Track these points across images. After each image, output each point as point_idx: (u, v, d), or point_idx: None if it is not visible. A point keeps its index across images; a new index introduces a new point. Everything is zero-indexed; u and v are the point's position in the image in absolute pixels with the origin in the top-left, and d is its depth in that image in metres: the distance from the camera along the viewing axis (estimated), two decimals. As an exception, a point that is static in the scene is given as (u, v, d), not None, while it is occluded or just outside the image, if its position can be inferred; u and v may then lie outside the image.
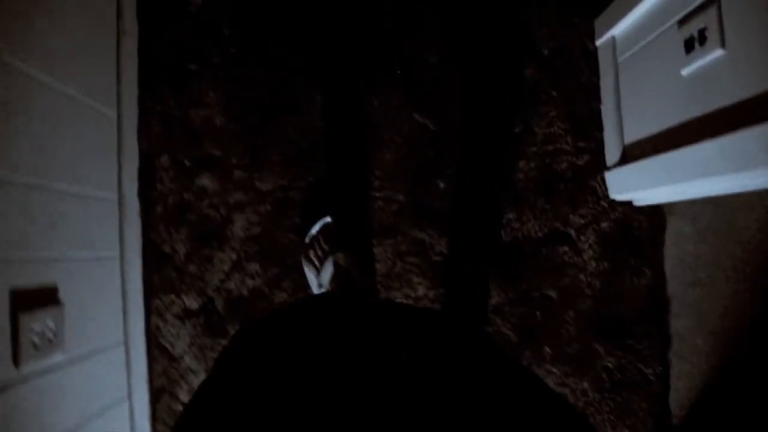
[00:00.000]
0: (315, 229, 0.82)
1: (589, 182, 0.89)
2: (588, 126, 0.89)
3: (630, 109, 0.83)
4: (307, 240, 0.83)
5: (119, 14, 0.84)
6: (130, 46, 0.85)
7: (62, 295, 0.66)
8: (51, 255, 0.65)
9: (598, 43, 0.89)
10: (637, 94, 0.80)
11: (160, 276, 0.87)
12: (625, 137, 0.84)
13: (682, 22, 0.68)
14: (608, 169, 0.87)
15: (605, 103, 0.88)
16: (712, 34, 0.63)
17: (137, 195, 0.86)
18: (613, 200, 0.89)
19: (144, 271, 0.85)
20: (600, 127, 0.90)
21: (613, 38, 0.86)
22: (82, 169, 0.72)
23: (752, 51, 0.57)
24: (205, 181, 0.87)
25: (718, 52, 0.62)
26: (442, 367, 0.30)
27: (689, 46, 0.67)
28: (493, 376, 0.31)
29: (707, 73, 0.65)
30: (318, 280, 0.79)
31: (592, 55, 0.90)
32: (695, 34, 0.66)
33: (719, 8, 0.62)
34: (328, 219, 0.82)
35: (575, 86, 0.89)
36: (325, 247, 0.80)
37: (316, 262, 0.80)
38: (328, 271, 0.77)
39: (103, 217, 0.79)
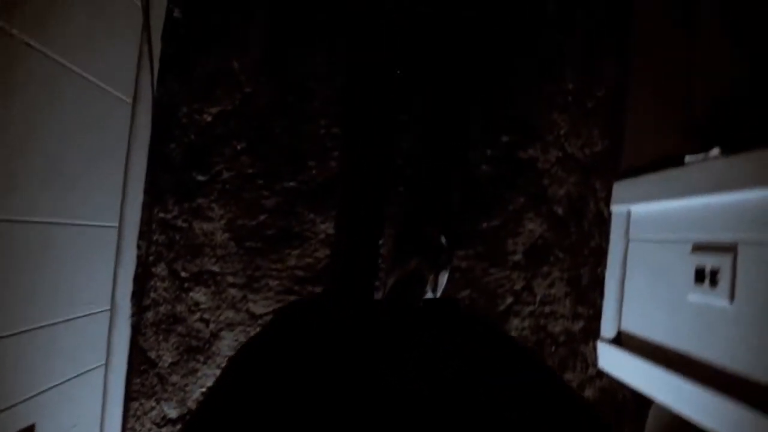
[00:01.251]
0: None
1: (580, 348, 0.88)
2: (590, 291, 0.88)
3: (633, 295, 0.82)
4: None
5: (132, 123, 0.83)
6: (140, 154, 0.84)
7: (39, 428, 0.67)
8: (33, 393, 0.65)
9: (613, 208, 0.88)
10: (642, 284, 0.79)
11: (143, 381, 0.88)
12: (623, 320, 0.83)
13: (697, 248, 0.67)
14: (602, 340, 0.86)
15: (610, 273, 0.87)
16: (723, 283, 0.61)
17: (130, 299, 0.86)
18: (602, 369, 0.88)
19: (127, 373, 0.86)
20: (602, 293, 0.88)
21: (629, 212, 0.84)
22: (77, 291, 0.73)
23: (758, 325, 0.56)
24: (200, 295, 0.87)
25: (725, 303, 0.61)
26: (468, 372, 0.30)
27: (700, 276, 0.66)
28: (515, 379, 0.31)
29: (711, 317, 0.63)
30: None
31: (605, 221, 0.88)
32: (707, 270, 0.64)
33: (735, 259, 0.60)
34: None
35: (584, 250, 0.88)
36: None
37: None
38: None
39: (93, 330, 0.79)
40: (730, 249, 0.61)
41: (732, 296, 0.60)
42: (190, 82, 0.88)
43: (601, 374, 0.89)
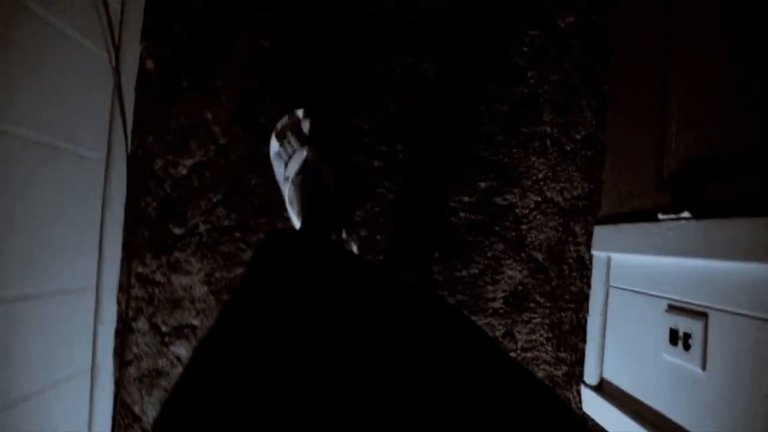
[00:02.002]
0: (285, 120, 0.79)
1: (564, 392, 0.88)
2: (571, 336, 0.88)
3: (614, 343, 0.81)
4: (277, 127, 0.80)
5: (106, 179, 0.83)
6: (116, 210, 0.84)
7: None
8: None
9: (593, 253, 0.87)
10: (623, 334, 0.78)
11: (128, 434, 0.88)
12: (604, 368, 0.83)
13: (672, 308, 0.66)
14: (585, 385, 0.86)
15: (592, 319, 0.86)
16: (695, 349, 0.61)
17: (111, 356, 0.86)
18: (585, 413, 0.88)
19: (112, 429, 0.87)
20: (584, 338, 0.88)
21: (609, 259, 0.83)
22: (58, 357, 0.73)
23: (729, 397, 0.55)
24: (181, 349, 0.87)
25: (698, 369, 0.60)
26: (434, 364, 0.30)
27: (674, 337, 0.65)
28: (486, 370, 0.32)
29: (685, 380, 0.63)
30: (285, 172, 0.77)
31: (586, 265, 0.87)
32: (680, 332, 0.63)
33: (706, 327, 0.59)
34: (300, 112, 0.80)
35: (564, 295, 0.87)
36: (297, 138, 0.77)
37: (284, 155, 0.78)
38: (296, 162, 0.75)
39: (76, 391, 0.79)
40: (701, 315, 0.60)
41: (704, 364, 0.59)
42: (164, 135, 0.88)
43: (585, 417, 0.88)
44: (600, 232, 0.84)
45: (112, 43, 0.80)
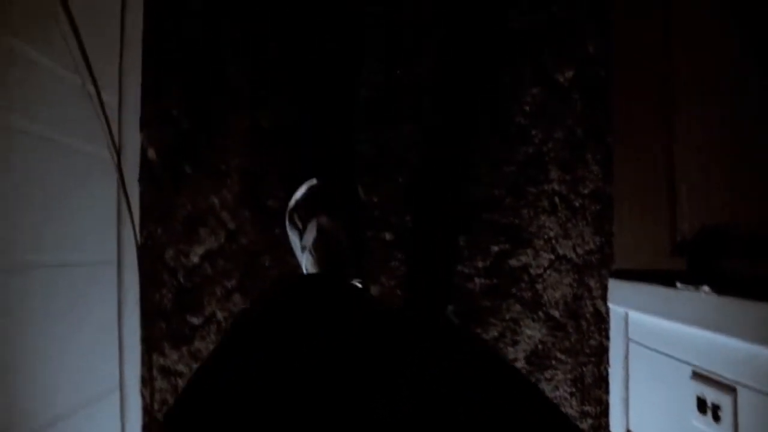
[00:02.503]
0: (300, 192, 0.82)
1: (591, 445, 0.89)
2: (595, 389, 0.88)
3: (639, 396, 0.82)
4: (291, 203, 0.82)
5: (120, 278, 0.83)
6: (132, 308, 0.84)
7: None
8: None
9: (610, 306, 0.87)
10: (647, 389, 0.79)
11: None
12: (630, 421, 0.84)
13: (697, 375, 0.67)
14: (612, 437, 0.87)
15: (613, 373, 0.87)
16: (726, 421, 0.61)
17: (140, 450, 0.86)
18: (614, 465, 0.89)
19: None
20: (607, 389, 0.89)
21: (627, 314, 0.84)
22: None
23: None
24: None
25: (731, 447, 0.61)
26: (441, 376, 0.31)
27: (702, 406, 0.66)
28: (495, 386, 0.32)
29: (717, 454, 0.63)
30: (301, 242, 0.78)
31: (604, 318, 0.88)
32: (708, 402, 0.64)
33: (736, 402, 0.60)
34: (314, 181, 0.82)
35: (584, 349, 0.88)
36: (309, 209, 0.79)
37: (300, 225, 0.80)
38: (311, 233, 0.76)
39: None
40: (730, 389, 0.61)
41: (736, 442, 0.60)
42: (173, 224, 0.87)
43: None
44: (615, 286, 0.85)
45: (112, 140, 0.79)
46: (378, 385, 0.29)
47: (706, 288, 0.63)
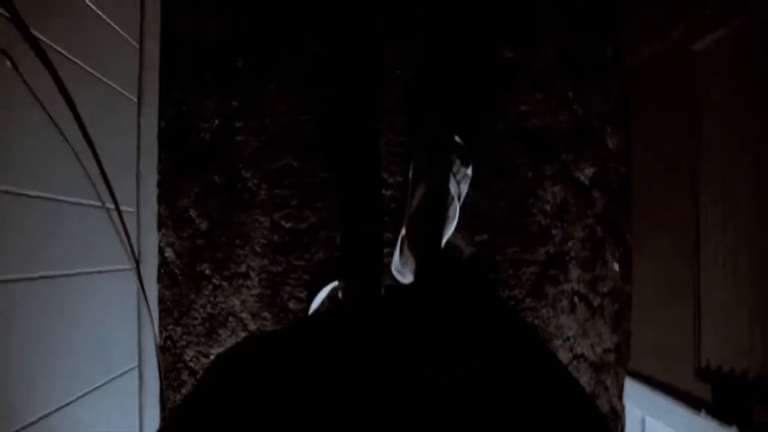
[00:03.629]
0: (324, 293, 0.81)
1: None
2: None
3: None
4: (313, 306, 0.82)
5: (141, 384, 0.82)
6: (153, 403, 0.84)
7: None
8: None
9: (626, 404, 0.89)
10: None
11: None
12: None
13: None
14: None
15: (629, 469, 0.89)
16: None
17: None
18: None
19: None
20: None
21: (644, 419, 0.85)
22: None
23: None
24: None
25: None
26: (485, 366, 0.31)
27: None
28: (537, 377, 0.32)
29: None
30: None
31: (619, 416, 0.89)
32: None
33: None
34: (336, 283, 0.82)
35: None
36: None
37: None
38: None
39: None
40: None
41: None
42: (193, 325, 0.87)
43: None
44: (633, 387, 0.86)
45: (129, 244, 0.78)
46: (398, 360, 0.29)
47: (734, 430, 0.64)
